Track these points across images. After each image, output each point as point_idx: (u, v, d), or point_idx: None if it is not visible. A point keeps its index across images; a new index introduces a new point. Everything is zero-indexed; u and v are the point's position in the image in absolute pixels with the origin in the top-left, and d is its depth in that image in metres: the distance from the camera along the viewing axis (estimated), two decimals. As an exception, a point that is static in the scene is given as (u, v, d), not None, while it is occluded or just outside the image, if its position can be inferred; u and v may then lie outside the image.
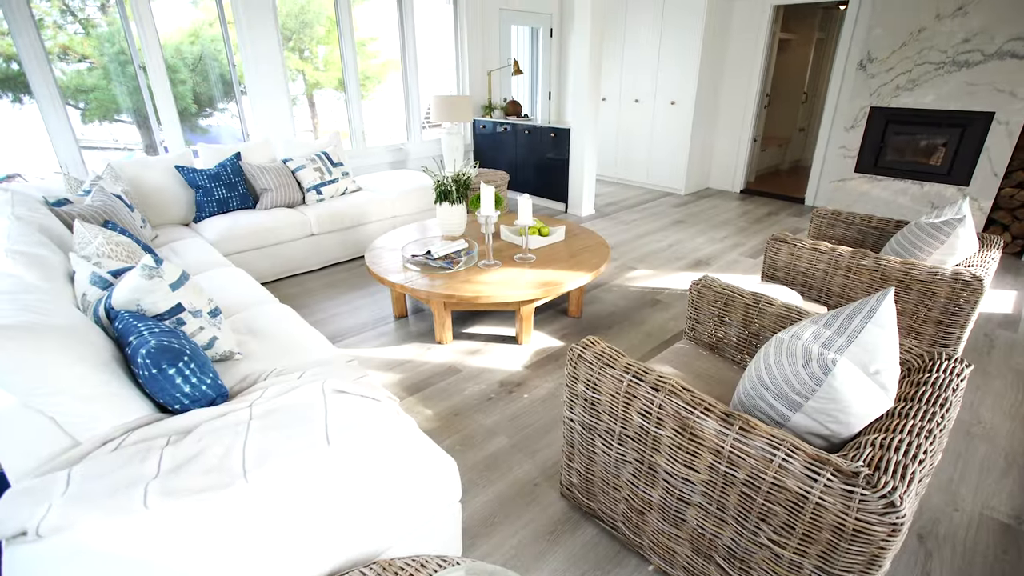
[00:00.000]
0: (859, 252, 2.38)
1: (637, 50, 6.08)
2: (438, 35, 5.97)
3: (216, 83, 4.96)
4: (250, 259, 3.52)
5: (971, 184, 4.21)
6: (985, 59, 3.94)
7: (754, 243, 4.51)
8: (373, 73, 6.47)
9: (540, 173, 5.60)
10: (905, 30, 4.25)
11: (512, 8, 6.25)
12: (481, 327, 3.01)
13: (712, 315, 1.96)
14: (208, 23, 4.67)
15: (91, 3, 4.24)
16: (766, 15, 5.58)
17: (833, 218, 3.04)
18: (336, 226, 3.87)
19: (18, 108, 3.99)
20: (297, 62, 6.26)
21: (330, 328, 3.02)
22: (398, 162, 5.84)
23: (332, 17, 5.11)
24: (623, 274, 3.80)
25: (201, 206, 3.58)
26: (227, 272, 2.68)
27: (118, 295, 1.59)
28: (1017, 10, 3.75)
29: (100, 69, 4.29)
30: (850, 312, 1.24)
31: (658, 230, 4.83)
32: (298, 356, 1.85)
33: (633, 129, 6.40)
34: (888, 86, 4.43)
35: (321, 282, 3.70)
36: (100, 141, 4.58)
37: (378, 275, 2.74)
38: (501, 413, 2.27)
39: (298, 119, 5.18)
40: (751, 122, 6.01)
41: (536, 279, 2.67)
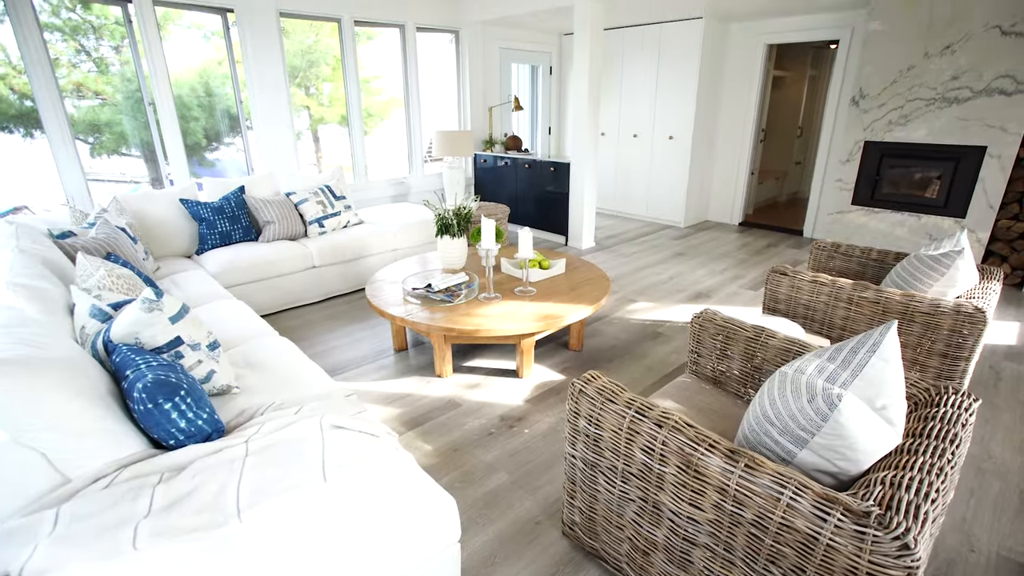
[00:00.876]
0: (860, 284, 2.38)
1: (635, 87, 6.23)
2: (440, 72, 6.14)
3: (223, 118, 5.07)
4: (251, 291, 3.52)
5: (967, 216, 4.24)
6: (974, 95, 4.04)
7: (754, 275, 4.52)
8: (376, 110, 6.61)
9: (540, 206, 5.66)
10: (895, 68, 4.36)
11: (512, 47, 6.44)
12: (481, 360, 2.99)
13: (714, 349, 1.94)
14: (217, 61, 4.81)
15: (105, 43, 4.38)
16: (759, 53, 5.75)
17: (832, 250, 3.05)
18: (337, 259, 3.89)
19: (29, 142, 4.07)
20: (303, 98, 6.41)
21: (330, 361, 3.00)
22: (400, 195, 5.91)
23: (338, 56, 5.27)
24: (624, 307, 3.79)
25: (204, 238, 3.61)
26: (227, 304, 2.68)
27: (117, 328, 1.58)
28: (1001, 50, 3.86)
29: (112, 105, 4.39)
30: (854, 345, 1.23)
31: (658, 263, 4.85)
32: (297, 390, 1.83)
33: (632, 163, 6.50)
34: (881, 121, 4.52)
35: (321, 314, 3.69)
36: (107, 174, 4.65)
37: (378, 308, 2.73)
38: (501, 448, 2.23)
39: (302, 153, 5.27)
40: (748, 156, 6.11)
41: (537, 312, 2.67)
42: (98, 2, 3.99)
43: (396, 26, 5.47)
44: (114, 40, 4.35)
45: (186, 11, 4.39)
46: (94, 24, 4.30)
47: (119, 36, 4.26)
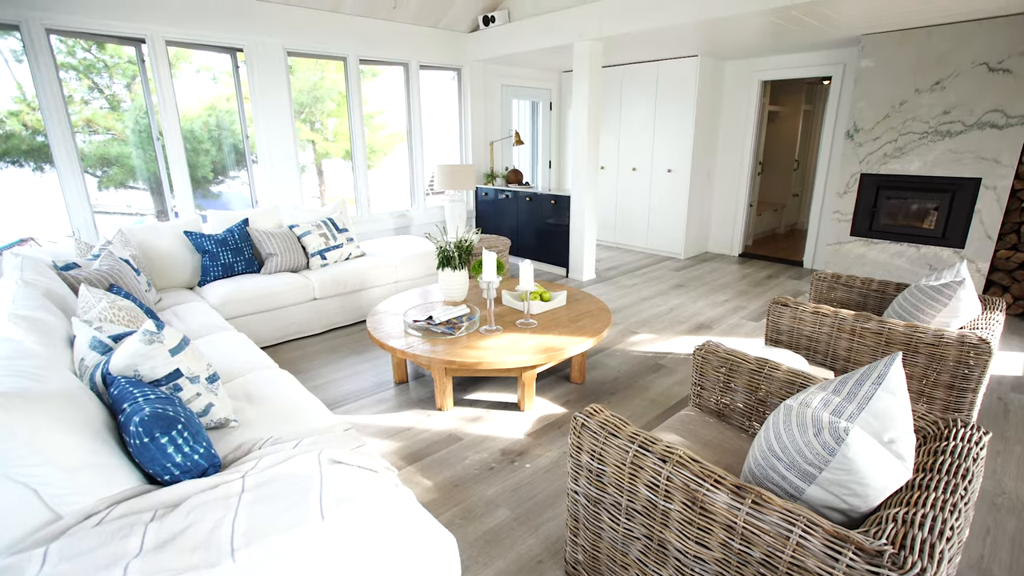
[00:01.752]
0: (862, 315, 2.38)
1: (633, 121, 6.37)
2: (443, 108, 6.29)
3: (229, 152, 5.17)
4: (252, 323, 3.52)
5: (966, 246, 4.26)
6: (966, 129, 4.11)
7: (755, 306, 4.51)
8: (379, 145, 6.75)
9: (541, 239, 5.70)
10: (887, 103, 4.46)
11: (513, 84, 6.61)
12: (482, 393, 2.96)
13: (717, 381, 1.92)
14: (226, 98, 4.94)
15: (118, 81, 4.51)
16: (754, 89, 5.89)
17: (833, 281, 3.05)
18: (339, 291, 3.89)
19: (38, 176, 4.14)
20: (308, 133, 6.55)
21: (329, 394, 2.97)
22: (402, 228, 5.97)
23: (343, 92, 5.41)
24: (625, 339, 3.78)
25: (206, 270, 3.63)
26: (228, 336, 2.67)
27: (116, 360, 1.57)
28: (990, 86, 3.96)
29: (121, 140, 4.49)
30: (859, 378, 1.22)
31: (659, 294, 4.85)
32: (295, 424, 1.80)
33: (632, 196, 6.58)
34: (876, 154, 4.60)
35: (322, 346, 3.67)
36: (114, 207, 4.72)
37: (379, 340, 2.72)
38: (503, 484, 2.18)
39: (306, 186, 5.36)
40: (746, 188, 6.19)
41: (538, 345, 2.65)
42: (113, 43, 4.12)
43: (400, 64, 5.63)
44: (126, 78, 4.48)
45: (198, 50, 4.53)
46: (107, 63, 4.44)
47: (131, 74, 4.39)
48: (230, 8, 4.33)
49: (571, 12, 4.81)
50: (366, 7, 5.00)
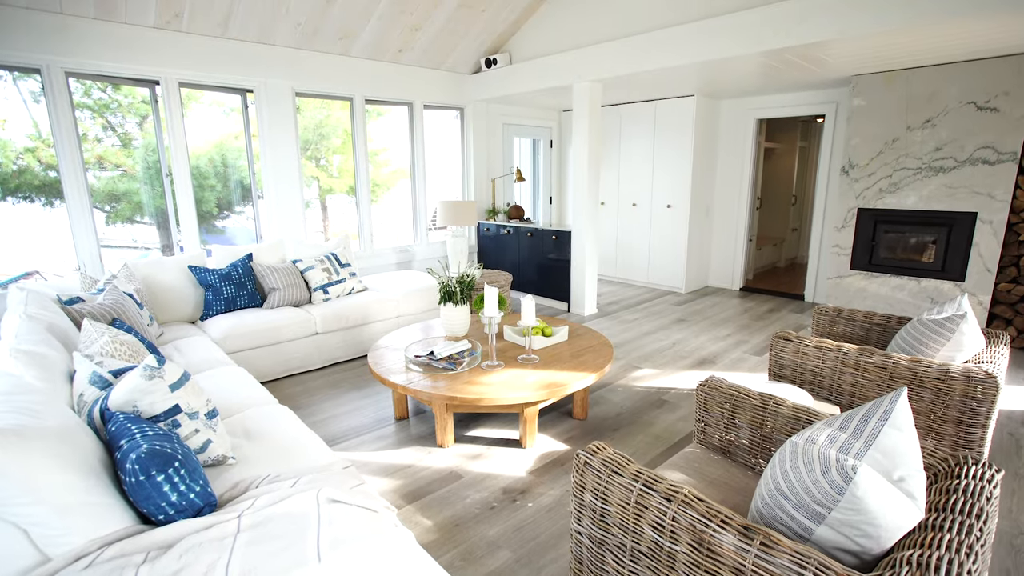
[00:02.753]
0: (865, 349, 2.36)
1: (632, 158, 6.49)
2: (445, 145, 6.43)
3: (236, 188, 5.26)
4: (253, 357, 3.51)
5: (966, 279, 4.27)
6: (959, 165, 4.19)
7: (758, 340, 4.49)
8: (383, 181, 6.87)
9: (543, 274, 5.73)
10: (880, 140, 4.56)
11: (515, 122, 6.78)
12: (484, 430, 2.92)
13: (721, 417, 1.90)
14: (234, 135, 5.07)
15: (131, 120, 4.64)
16: (750, 127, 6.02)
17: (835, 315, 3.05)
18: (340, 325, 3.89)
19: (48, 211, 4.21)
20: (313, 169, 6.68)
21: (329, 430, 2.93)
22: (404, 263, 6.01)
23: (348, 130, 5.54)
24: (628, 374, 3.75)
25: (209, 304, 3.64)
26: (228, 371, 2.66)
27: (115, 396, 1.56)
28: (979, 123, 4.05)
29: (131, 176, 4.58)
30: (864, 413, 1.20)
31: (661, 328, 4.84)
32: (294, 461, 1.77)
33: (632, 231, 6.65)
34: (872, 189, 4.67)
35: (323, 381, 3.65)
36: (120, 241, 4.77)
37: (380, 375, 2.70)
38: (504, 524, 2.13)
39: (310, 221, 5.42)
40: (745, 223, 6.26)
41: (540, 380, 2.63)
42: (128, 84, 4.26)
43: (404, 104, 5.79)
44: (138, 116, 4.61)
45: (209, 91, 4.68)
46: (121, 103, 4.58)
47: (143, 113, 4.52)
48: (243, 52, 4.49)
49: (570, 55, 4.98)
50: (373, 51, 5.18)
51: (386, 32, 4.95)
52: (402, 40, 5.15)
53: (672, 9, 4.25)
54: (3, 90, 3.96)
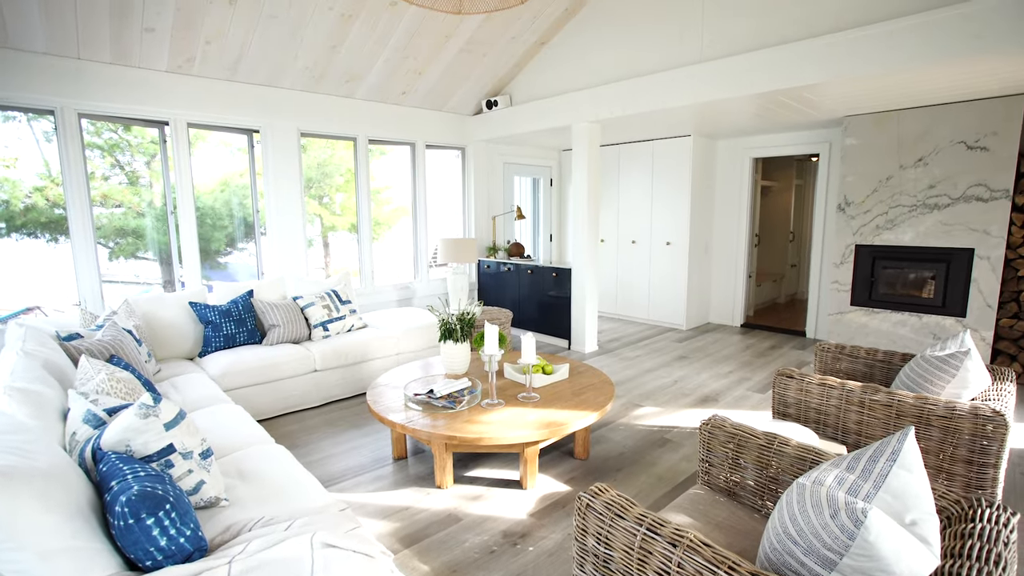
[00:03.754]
0: (870, 387, 2.34)
1: (631, 196, 6.58)
2: (447, 184, 6.54)
3: (239, 225, 5.32)
4: (251, 394, 3.46)
5: (967, 315, 4.26)
6: (953, 202, 4.24)
7: (760, 377, 4.44)
8: (385, 218, 6.95)
9: (543, 311, 5.73)
10: (874, 178, 4.63)
11: (515, 161, 6.92)
12: (483, 470, 2.85)
13: (726, 457, 1.86)
14: (239, 174, 5.16)
15: (139, 159, 4.74)
16: (746, 166, 6.14)
17: (838, 352, 3.03)
18: (340, 362, 3.86)
19: (52, 247, 4.25)
20: (316, 207, 6.77)
21: (325, 470, 2.87)
22: (405, 300, 6.02)
23: (351, 168, 5.65)
24: (629, 412, 3.69)
25: (208, 341, 3.62)
26: (225, 409, 2.62)
27: (109, 435, 1.54)
28: (970, 162, 4.13)
29: (137, 213, 4.65)
30: (872, 454, 1.18)
31: (662, 366, 4.80)
32: (289, 503, 1.73)
33: (632, 268, 6.68)
34: (868, 226, 4.71)
35: (321, 419, 3.59)
36: (122, 276, 4.79)
37: (379, 414, 2.67)
38: (504, 569, 2.05)
39: (312, 258, 5.46)
40: (744, 260, 6.29)
41: (541, 419, 2.59)
42: (138, 125, 4.37)
43: (407, 144, 5.92)
44: (147, 156, 4.71)
45: (217, 131, 4.79)
46: (131, 142, 4.69)
47: (151, 152, 4.62)
48: (251, 95, 4.63)
49: (569, 97, 5.12)
50: (377, 93, 5.33)
51: (390, 75, 5.11)
52: (406, 83, 5.31)
53: (667, 53, 4.40)
54: (17, 130, 4.06)
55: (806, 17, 3.62)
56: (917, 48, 3.11)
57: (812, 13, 3.59)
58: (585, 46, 5.07)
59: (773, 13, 3.77)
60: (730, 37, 4.01)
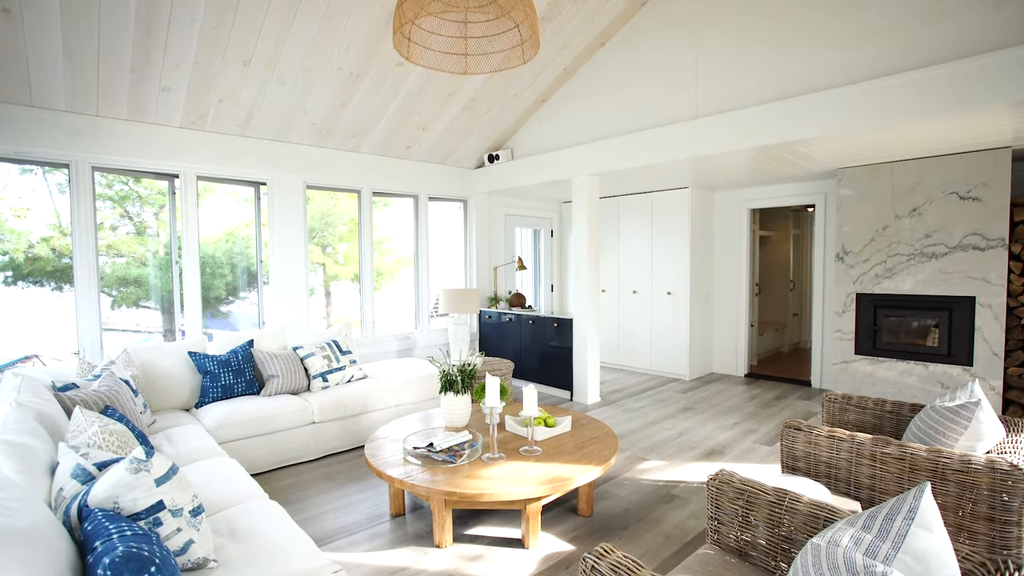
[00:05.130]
0: (880, 439, 2.28)
1: (631, 246, 6.66)
2: (449, 235, 6.63)
3: (242, 274, 5.37)
4: (247, 447, 3.38)
5: (975, 364, 4.20)
6: (950, 251, 4.28)
7: (767, 429, 4.34)
8: (387, 268, 7.02)
9: (544, 361, 5.67)
10: (871, 227, 4.69)
11: (516, 213, 7.04)
12: (484, 528, 2.74)
13: (735, 515, 1.79)
14: (245, 224, 5.25)
15: (147, 209, 4.84)
16: (744, 216, 6.24)
17: (845, 402, 2.97)
18: (338, 414, 3.80)
19: (56, 295, 4.27)
20: (319, 256, 6.85)
21: (321, 527, 2.76)
22: (405, 350, 5.98)
23: (354, 218, 5.75)
24: (634, 466, 3.59)
25: (206, 391, 3.58)
26: (219, 463, 2.55)
27: (97, 491, 1.49)
28: (964, 212, 4.19)
29: (141, 263, 4.70)
30: (888, 511, 1.13)
31: (666, 417, 4.70)
32: (280, 564, 1.65)
33: (633, 318, 6.67)
34: (868, 274, 4.73)
35: (317, 473, 3.49)
36: (123, 324, 4.79)
37: (376, 468, 2.59)
38: (505, 638, 1.93)
39: (313, 307, 5.47)
40: (745, 309, 6.29)
41: (543, 474, 2.51)
42: (149, 178, 4.49)
43: (410, 196, 6.06)
44: (155, 207, 4.81)
45: (225, 184, 4.91)
46: (141, 194, 4.80)
47: (160, 203, 4.72)
48: (260, 149, 4.77)
49: (569, 151, 5.28)
50: (382, 147, 5.50)
51: (395, 131, 5.29)
52: (410, 138, 5.49)
53: (663, 109, 4.57)
54: (32, 182, 4.18)
55: (798, 75, 3.79)
56: (906, 104, 3.23)
57: (804, 72, 3.76)
58: (583, 103, 5.28)
59: (766, 71, 3.94)
60: (723, 94, 4.17)
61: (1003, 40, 3.00)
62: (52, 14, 3.15)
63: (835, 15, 3.61)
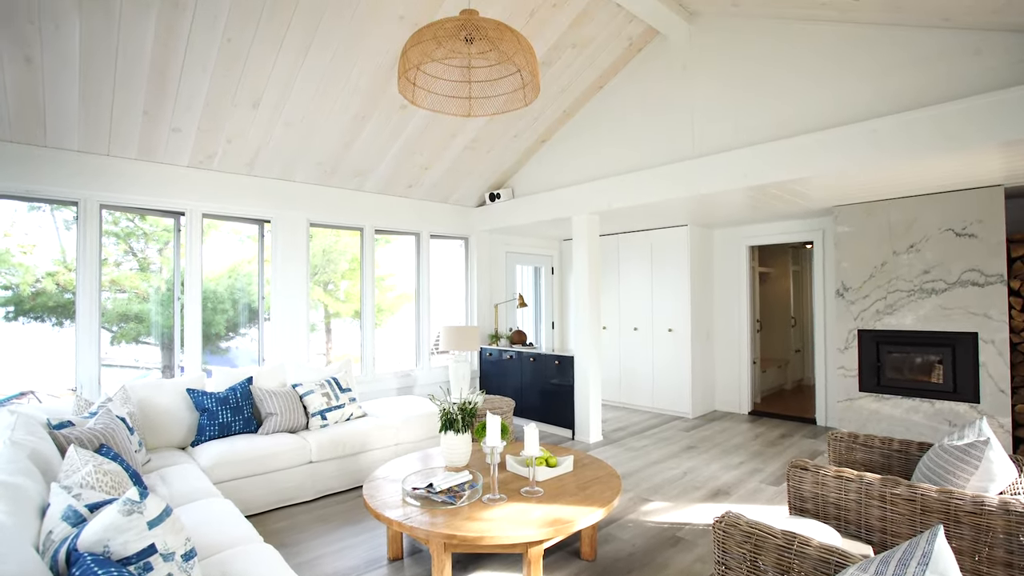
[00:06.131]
0: (889, 480, 2.23)
1: (632, 283, 6.68)
2: (450, 272, 6.68)
3: (243, 310, 5.37)
4: (243, 487, 3.31)
5: (981, 401, 4.15)
6: (949, 287, 4.28)
7: (773, 468, 4.25)
8: (388, 305, 7.03)
9: (546, 399, 5.61)
10: (869, 264, 4.72)
11: (517, 251, 7.11)
12: (484, 572, 2.65)
13: (743, 559, 1.74)
14: (247, 261, 5.29)
15: (151, 245, 4.89)
16: (743, 253, 6.29)
17: (851, 441, 2.92)
18: (336, 453, 3.73)
19: (56, 330, 4.26)
20: (320, 294, 6.87)
21: (315, 572, 2.67)
22: (405, 388, 5.92)
23: (356, 255, 5.79)
24: (638, 507, 3.50)
25: (203, 429, 3.53)
26: (213, 504, 2.49)
27: (87, 534, 1.45)
28: (960, 249, 4.22)
29: (143, 298, 4.72)
30: (901, 556, 1.10)
31: (670, 457, 4.61)
32: (271, 612, 1.59)
33: (635, 355, 6.63)
34: (869, 311, 4.73)
35: (314, 515, 3.40)
36: (122, 360, 4.76)
37: (375, 510, 2.53)
38: None
39: (314, 343, 5.44)
40: (747, 346, 6.25)
41: (545, 516, 2.45)
42: (155, 215, 4.56)
43: (412, 234, 6.12)
44: (160, 243, 4.87)
45: (230, 221, 4.98)
46: (146, 231, 4.87)
47: (165, 240, 4.78)
48: (265, 188, 4.86)
49: (569, 190, 5.37)
50: (385, 186, 5.60)
51: (398, 170, 5.40)
52: (412, 177, 5.60)
53: (661, 149, 4.68)
54: (39, 219, 4.24)
55: (792, 116, 3.89)
56: (898, 144, 3.30)
57: (798, 113, 3.86)
58: (583, 143, 5.41)
59: (760, 113, 4.05)
60: (720, 134, 4.28)
61: (988, 83, 3.09)
62: (72, 62, 3.27)
63: (827, 59, 3.74)
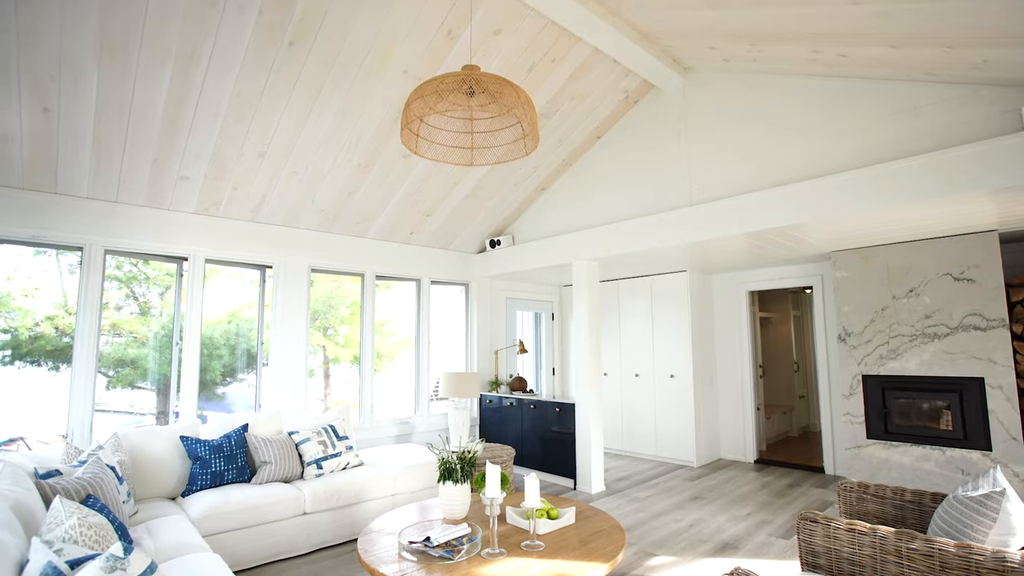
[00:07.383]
0: (904, 534, 2.14)
1: (633, 329, 6.66)
2: (450, 318, 6.67)
3: (242, 356, 5.33)
4: (233, 540, 3.19)
5: (993, 449, 4.05)
6: (951, 331, 4.26)
7: (782, 520, 4.10)
8: (387, 351, 6.99)
9: (546, 447, 5.49)
10: (870, 308, 4.72)
11: (517, 297, 7.13)
12: (482, 633, 2.51)
13: (757, 618, 1.65)
14: (248, 305, 5.30)
15: (153, 290, 4.91)
16: (743, 298, 6.30)
17: (862, 491, 2.83)
18: (331, 504, 3.61)
19: (52, 375, 4.21)
20: (320, 339, 6.84)
21: (302, 635, 2.53)
22: (404, 435, 5.80)
23: (356, 300, 5.80)
24: (642, 562, 3.36)
25: (194, 478, 3.43)
26: (200, 559, 2.39)
27: (68, 592, 1.38)
28: (959, 293, 4.23)
29: (141, 343, 4.69)
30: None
31: (675, 508, 4.46)
32: None
33: (637, 402, 6.52)
34: (872, 356, 4.69)
35: (305, 570, 3.26)
36: (116, 405, 4.68)
37: (369, 566, 2.42)
38: None
39: (312, 389, 5.37)
40: (750, 392, 6.17)
41: (546, 572, 2.35)
42: (159, 260, 4.60)
43: (412, 280, 6.16)
44: (161, 288, 4.89)
45: (232, 267, 5.02)
46: (148, 275, 4.89)
47: (166, 284, 4.80)
48: (268, 234, 4.93)
49: (568, 236, 5.44)
50: (387, 233, 5.68)
51: (400, 217, 5.49)
52: (413, 224, 5.69)
53: (659, 197, 4.77)
54: (44, 263, 4.28)
55: (787, 163, 3.97)
56: (893, 191, 3.36)
57: (793, 160, 3.94)
58: (582, 191, 5.52)
59: (756, 160, 4.14)
60: (716, 182, 4.37)
61: (981, 132, 3.18)
62: (87, 112, 3.39)
63: (821, 108, 3.83)
